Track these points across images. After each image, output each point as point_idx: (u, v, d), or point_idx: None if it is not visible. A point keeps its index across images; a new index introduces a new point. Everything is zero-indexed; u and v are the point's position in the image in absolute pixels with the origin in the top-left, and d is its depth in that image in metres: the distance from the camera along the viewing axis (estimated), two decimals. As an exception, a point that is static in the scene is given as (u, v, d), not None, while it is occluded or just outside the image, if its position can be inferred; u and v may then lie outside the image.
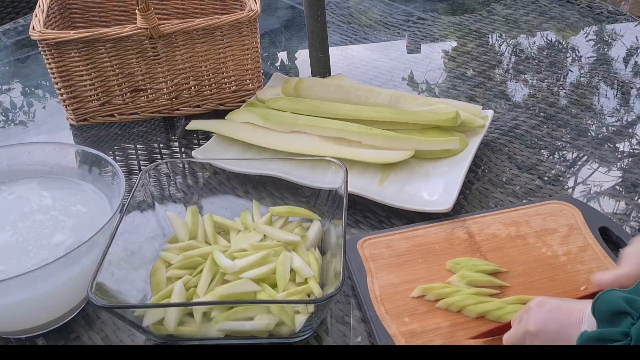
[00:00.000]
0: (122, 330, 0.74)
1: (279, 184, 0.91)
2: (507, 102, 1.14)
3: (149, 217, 0.81)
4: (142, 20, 0.99)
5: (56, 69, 1.04)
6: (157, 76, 1.08)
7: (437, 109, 1.02)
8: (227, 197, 0.92)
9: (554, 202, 0.87)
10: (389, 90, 1.08)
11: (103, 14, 1.28)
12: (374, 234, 0.83)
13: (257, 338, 0.70)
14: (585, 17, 1.43)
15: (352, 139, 0.98)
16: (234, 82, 1.12)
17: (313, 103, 1.06)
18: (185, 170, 0.89)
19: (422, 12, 1.51)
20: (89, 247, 0.69)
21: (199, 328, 0.68)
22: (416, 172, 0.94)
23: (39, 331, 0.74)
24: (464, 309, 0.72)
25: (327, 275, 0.73)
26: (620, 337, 0.52)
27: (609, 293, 0.56)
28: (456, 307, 0.72)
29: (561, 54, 1.30)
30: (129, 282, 0.72)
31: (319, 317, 0.69)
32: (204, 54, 1.07)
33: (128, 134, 1.11)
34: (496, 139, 1.03)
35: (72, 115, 1.10)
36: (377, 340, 0.69)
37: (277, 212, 0.82)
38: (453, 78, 1.23)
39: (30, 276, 0.64)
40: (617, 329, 0.53)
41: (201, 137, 1.08)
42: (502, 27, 1.42)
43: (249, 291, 0.70)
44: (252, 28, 1.07)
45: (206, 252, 0.75)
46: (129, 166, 1.04)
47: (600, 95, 1.15)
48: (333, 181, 0.81)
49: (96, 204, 0.81)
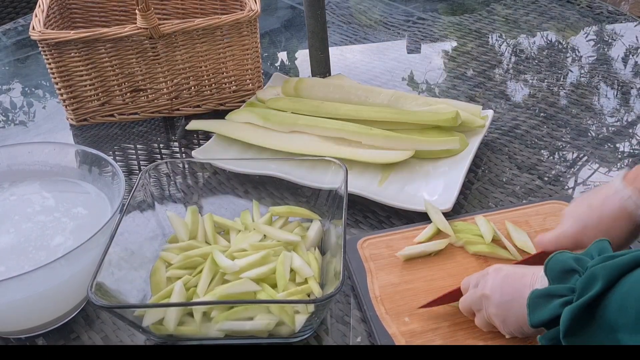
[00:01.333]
0: (122, 330, 0.74)
1: (279, 184, 0.91)
2: (507, 102, 1.14)
3: (149, 217, 0.81)
4: (142, 20, 0.99)
5: (56, 69, 1.04)
6: (157, 76, 1.08)
7: (437, 109, 1.02)
8: (227, 197, 0.92)
9: (554, 202, 0.87)
10: (389, 90, 1.08)
11: (103, 14, 1.28)
12: (374, 234, 0.83)
13: (257, 338, 0.70)
14: (585, 17, 1.43)
15: (352, 139, 0.98)
16: (234, 82, 1.12)
17: (313, 103, 1.06)
18: (185, 170, 0.89)
19: (422, 12, 1.51)
20: (88, 247, 0.69)
21: (199, 328, 0.68)
22: (416, 172, 0.94)
23: (39, 331, 0.74)
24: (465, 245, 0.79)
25: (327, 275, 0.73)
26: (566, 292, 0.55)
27: (560, 254, 0.58)
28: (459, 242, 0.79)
29: (561, 54, 1.30)
30: (129, 282, 0.72)
31: (319, 317, 0.68)
32: (204, 54, 1.07)
33: (128, 134, 1.11)
34: (496, 139, 1.03)
35: (72, 115, 1.10)
36: (377, 340, 0.69)
37: (277, 212, 0.82)
38: (453, 78, 1.23)
39: (30, 276, 0.64)
40: (565, 285, 0.56)
41: (201, 137, 1.08)
42: (502, 27, 1.42)
43: (249, 291, 0.70)
44: (252, 28, 1.07)
45: (206, 252, 0.75)
46: (129, 166, 1.04)
47: (600, 95, 1.15)
48: (333, 181, 0.81)
49: (98, 205, 0.81)
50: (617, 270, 0.52)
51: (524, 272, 0.62)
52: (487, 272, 0.66)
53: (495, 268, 0.65)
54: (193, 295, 0.71)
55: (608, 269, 0.52)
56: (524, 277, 0.62)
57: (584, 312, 0.52)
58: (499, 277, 0.64)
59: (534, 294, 0.58)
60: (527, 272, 0.62)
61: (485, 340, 0.68)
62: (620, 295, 0.51)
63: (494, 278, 0.64)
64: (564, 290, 0.55)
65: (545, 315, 0.56)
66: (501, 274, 0.64)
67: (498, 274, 0.64)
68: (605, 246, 0.58)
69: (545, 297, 0.56)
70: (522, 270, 0.63)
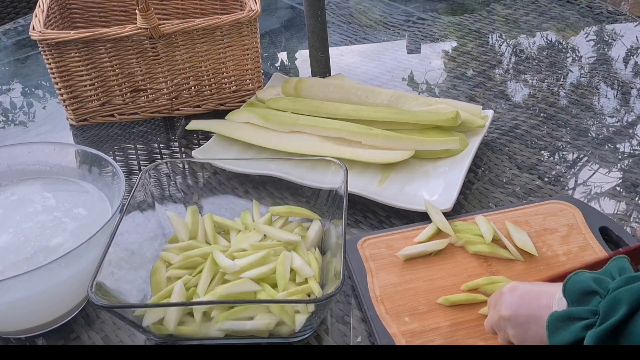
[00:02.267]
0: (122, 330, 0.74)
1: (279, 184, 0.91)
2: (507, 102, 1.14)
3: (149, 217, 0.81)
4: (142, 20, 0.99)
5: (56, 69, 1.04)
6: (157, 76, 1.08)
7: (437, 109, 1.02)
8: (227, 197, 0.92)
9: (554, 202, 0.87)
10: (389, 90, 1.08)
11: (103, 14, 1.28)
12: (374, 234, 0.83)
13: (257, 338, 0.70)
14: (585, 17, 1.43)
15: (352, 139, 0.98)
16: (234, 82, 1.12)
17: (313, 103, 1.06)
18: (185, 170, 0.89)
19: (422, 12, 1.51)
20: (88, 247, 0.69)
21: (199, 328, 0.68)
22: (416, 172, 0.94)
23: (39, 331, 0.74)
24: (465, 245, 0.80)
25: (327, 275, 0.73)
26: (588, 315, 0.53)
27: (578, 274, 0.57)
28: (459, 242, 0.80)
29: (561, 54, 1.30)
30: (129, 282, 0.72)
31: (319, 317, 0.68)
32: (204, 54, 1.07)
33: (128, 134, 1.11)
34: (496, 139, 1.03)
35: (72, 115, 1.10)
36: (377, 340, 0.69)
37: (277, 212, 0.82)
38: (453, 78, 1.23)
39: (30, 276, 0.64)
40: (585, 307, 0.54)
41: (201, 137, 1.08)
42: (502, 27, 1.42)
43: (249, 291, 0.70)
44: (252, 28, 1.07)
45: (206, 252, 0.75)
46: (129, 166, 1.04)
47: (600, 95, 1.15)
48: (333, 181, 0.81)
49: (98, 206, 0.81)
50: None
51: (540, 291, 0.60)
52: (501, 292, 0.64)
53: (510, 287, 0.63)
54: (193, 295, 0.71)
55: (633, 293, 0.51)
56: (541, 298, 0.59)
57: (609, 336, 0.51)
58: (514, 296, 0.62)
59: (553, 316, 0.56)
60: (543, 291, 0.60)
61: (486, 340, 0.68)
62: None
63: (508, 298, 0.62)
64: (585, 313, 0.54)
65: (567, 338, 0.54)
66: (516, 293, 0.62)
67: (513, 293, 0.62)
68: (626, 265, 0.56)
69: (566, 320, 0.55)
70: (538, 288, 0.61)
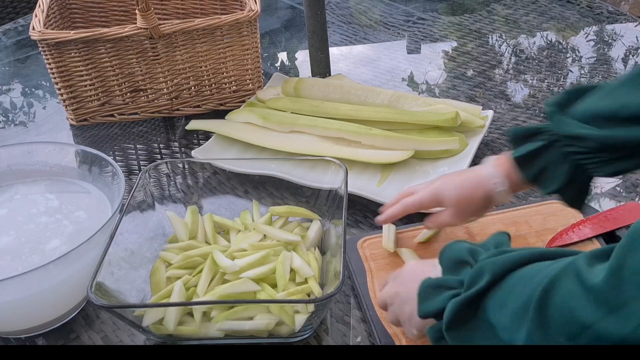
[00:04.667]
0: (122, 330, 0.74)
1: (279, 184, 0.91)
2: (507, 102, 1.14)
3: (148, 217, 0.81)
4: (142, 20, 0.99)
5: (56, 69, 1.04)
6: (157, 76, 1.08)
7: (437, 109, 1.02)
8: (227, 197, 0.92)
9: (554, 202, 0.86)
10: (389, 90, 1.08)
11: (103, 14, 1.28)
12: (374, 234, 0.83)
13: (257, 338, 0.70)
14: (585, 17, 1.43)
15: (352, 139, 0.98)
16: (234, 82, 1.12)
17: (313, 103, 1.06)
18: (185, 170, 0.89)
19: (422, 12, 1.51)
20: (88, 247, 0.69)
21: (198, 328, 0.68)
22: (416, 172, 0.94)
23: (39, 331, 0.74)
24: None
25: (327, 275, 0.73)
26: (456, 284, 0.54)
27: (456, 243, 0.57)
28: None
29: (561, 54, 1.30)
30: (128, 282, 0.72)
31: (319, 317, 0.68)
32: (204, 54, 1.07)
33: (128, 134, 1.11)
34: (496, 139, 1.03)
35: (72, 115, 1.10)
36: (377, 340, 0.69)
37: (277, 212, 0.82)
38: (453, 78, 1.23)
39: (29, 276, 0.64)
40: (455, 277, 0.54)
41: (201, 137, 1.08)
42: (502, 27, 1.42)
43: (249, 291, 0.70)
44: (252, 28, 1.07)
45: (206, 252, 0.75)
46: (129, 166, 1.04)
47: (600, 95, 1.14)
48: (333, 181, 0.81)
49: (98, 206, 0.81)
50: (504, 267, 0.50)
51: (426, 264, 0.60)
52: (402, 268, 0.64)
53: (411, 264, 0.63)
54: (193, 295, 0.71)
55: (495, 265, 0.51)
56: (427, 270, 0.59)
57: (467, 306, 0.51)
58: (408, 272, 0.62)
59: (425, 283, 0.56)
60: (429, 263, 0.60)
61: (485, 340, 0.68)
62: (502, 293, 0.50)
63: (405, 272, 0.62)
64: (453, 282, 0.54)
65: (434, 306, 0.54)
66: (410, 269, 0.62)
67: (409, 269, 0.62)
68: (504, 240, 0.56)
69: (436, 288, 0.55)
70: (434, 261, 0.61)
